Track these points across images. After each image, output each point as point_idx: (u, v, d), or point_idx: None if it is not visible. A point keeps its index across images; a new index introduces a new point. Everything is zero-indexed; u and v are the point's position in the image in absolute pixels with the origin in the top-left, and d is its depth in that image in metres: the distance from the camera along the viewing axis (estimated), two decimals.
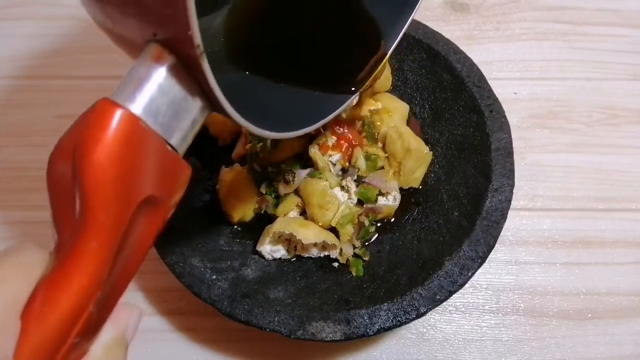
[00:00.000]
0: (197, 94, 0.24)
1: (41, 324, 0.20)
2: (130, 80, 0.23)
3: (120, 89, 0.22)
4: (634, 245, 0.49)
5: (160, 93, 0.23)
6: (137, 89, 0.22)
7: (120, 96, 0.22)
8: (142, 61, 0.23)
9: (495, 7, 0.63)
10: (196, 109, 0.24)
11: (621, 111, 0.56)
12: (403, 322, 0.37)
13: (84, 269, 0.21)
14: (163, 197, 0.24)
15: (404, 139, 0.45)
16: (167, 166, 0.24)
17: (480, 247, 0.40)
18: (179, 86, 0.23)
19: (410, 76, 0.51)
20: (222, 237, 0.45)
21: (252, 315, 0.38)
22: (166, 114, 0.23)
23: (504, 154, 0.43)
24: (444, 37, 0.49)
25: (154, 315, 0.46)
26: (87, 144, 0.21)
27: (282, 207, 0.45)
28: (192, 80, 0.23)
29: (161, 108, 0.23)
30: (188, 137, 0.25)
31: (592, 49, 0.60)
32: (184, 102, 0.24)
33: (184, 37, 0.21)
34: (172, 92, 0.23)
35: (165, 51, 0.23)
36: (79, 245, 0.21)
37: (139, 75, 0.23)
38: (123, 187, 0.21)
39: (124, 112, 0.21)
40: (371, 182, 0.44)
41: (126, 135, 0.21)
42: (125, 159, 0.21)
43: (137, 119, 0.22)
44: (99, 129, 0.21)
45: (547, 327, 0.45)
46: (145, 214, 0.23)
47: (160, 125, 0.23)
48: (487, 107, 0.45)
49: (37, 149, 0.53)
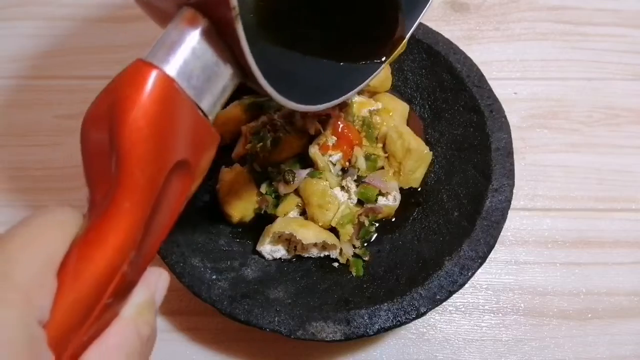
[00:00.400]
0: (229, 60, 0.24)
1: (76, 282, 0.20)
2: (163, 42, 0.23)
3: (154, 51, 0.22)
4: (634, 245, 0.49)
5: (193, 56, 0.23)
6: (171, 51, 0.22)
7: (155, 57, 0.22)
8: (176, 24, 0.23)
9: (495, 7, 0.63)
10: (227, 75, 0.24)
11: (621, 111, 0.56)
12: (403, 322, 0.37)
13: (119, 228, 0.21)
14: (194, 162, 0.24)
15: (404, 139, 0.45)
16: (198, 131, 0.24)
17: (480, 247, 0.40)
18: (212, 50, 0.23)
19: (410, 76, 0.51)
20: (222, 237, 0.45)
21: (252, 315, 0.38)
22: (199, 77, 0.23)
23: (504, 154, 0.43)
24: (444, 37, 0.49)
25: None
26: (123, 103, 0.21)
27: (282, 207, 0.45)
28: (225, 45, 0.23)
29: (194, 71, 0.23)
30: (218, 103, 0.25)
31: (592, 49, 0.60)
32: (216, 67, 0.24)
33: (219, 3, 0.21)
34: (206, 56, 0.23)
35: (199, 14, 0.23)
36: (114, 204, 0.21)
37: (172, 38, 0.23)
38: (158, 147, 0.21)
39: (159, 72, 0.21)
40: (371, 182, 0.44)
41: (161, 96, 0.21)
42: (160, 119, 0.21)
43: (171, 80, 0.22)
44: (135, 89, 0.21)
45: (547, 327, 0.45)
46: (177, 178, 0.23)
47: (193, 88, 0.23)
48: (487, 107, 0.45)
49: (37, 149, 0.53)
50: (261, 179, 0.46)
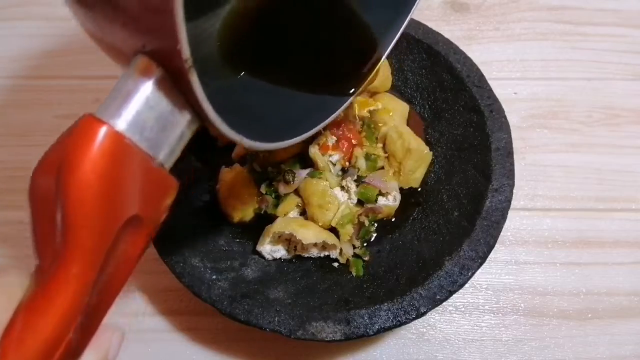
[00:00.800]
0: (185, 107, 0.23)
1: (20, 350, 0.19)
2: (116, 94, 0.22)
3: (106, 104, 0.22)
4: (634, 245, 0.49)
5: (147, 107, 0.22)
6: (123, 104, 0.22)
7: (106, 111, 0.21)
8: (129, 74, 0.22)
9: (495, 7, 0.63)
10: (184, 123, 0.24)
11: (621, 111, 0.56)
12: (403, 322, 0.37)
13: (65, 295, 0.20)
14: (148, 214, 0.23)
15: (404, 139, 0.45)
16: (153, 183, 0.23)
17: (480, 247, 0.40)
18: (166, 100, 0.22)
19: (410, 76, 0.51)
20: (222, 237, 0.45)
21: (252, 315, 0.38)
22: (153, 128, 0.22)
23: (504, 154, 0.43)
24: (444, 37, 0.49)
25: (154, 315, 0.46)
26: (71, 161, 0.20)
27: (282, 207, 0.45)
28: (180, 93, 0.23)
29: (148, 123, 0.22)
30: (176, 151, 0.24)
31: (592, 49, 0.60)
32: (171, 116, 0.23)
33: (172, 50, 0.20)
34: (160, 106, 0.22)
35: (153, 64, 0.22)
36: (60, 270, 0.20)
37: (125, 88, 0.22)
38: (107, 206, 0.21)
39: (108, 128, 0.21)
40: (371, 182, 0.44)
41: (110, 153, 0.21)
42: (109, 176, 0.20)
43: (121, 135, 0.21)
44: (83, 146, 0.20)
45: (547, 327, 0.45)
46: (130, 233, 0.22)
47: (147, 140, 0.22)
48: (487, 107, 0.45)
49: (37, 149, 0.53)
50: (261, 179, 0.46)
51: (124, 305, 0.47)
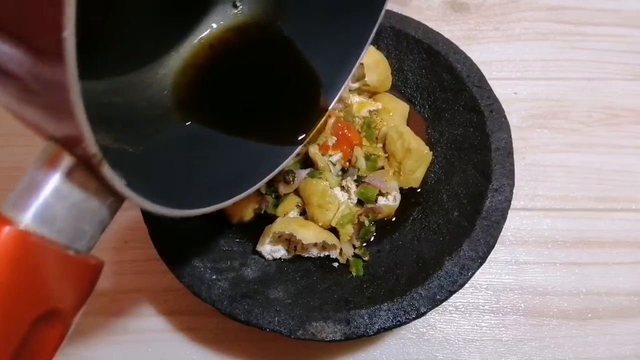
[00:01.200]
0: (101, 191, 0.22)
1: None
2: (24, 187, 0.21)
3: (12, 197, 0.21)
4: (634, 245, 0.49)
5: (56, 198, 0.21)
6: (30, 197, 0.20)
7: (11, 207, 0.20)
8: (39, 164, 0.21)
9: (495, 7, 0.63)
10: (103, 207, 0.22)
11: (621, 111, 0.56)
12: (403, 322, 0.37)
13: None
14: (67, 304, 0.22)
15: (404, 139, 0.45)
16: (70, 272, 0.22)
17: (480, 247, 0.40)
18: (78, 188, 0.21)
19: (410, 76, 0.51)
20: (222, 237, 0.45)
21: (252, 315, 0.38)
22: (66, 219, 0.21)
23: (504, 154, 0.43)
24: (444, 37, 0.49)
25: (154, 315, 0.46)
26: None
27: (282, 207, 0.45)
28: (95, 179, 0.21)
29: (58, 214, 0.21)
30: (97, 235, 0.23)
31: (592, 49, 0.60)
32: (86, 203, 0.22)
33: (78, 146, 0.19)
34: (72, 195, 0.21)
35: (63, 152, 0.21)
36: None
37: (33, 181, 0.21)
38: (11, 307, 0.19)
39: (10, 228, 0.19)
40: (371, 182, 0.44)
41: (13, 253, 0.19)
42: (14, 278, 0.19)
43: (26, 233, 0.20)
44: None
45: (547, 327, 0.45)
46: (44, 327, 0.21)
47: (59, 232, 0.21)
48: (487, 107, 0.45)
49: (37, 149, 0.53)
50: None
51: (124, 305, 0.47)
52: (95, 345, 0.45)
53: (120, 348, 0.45)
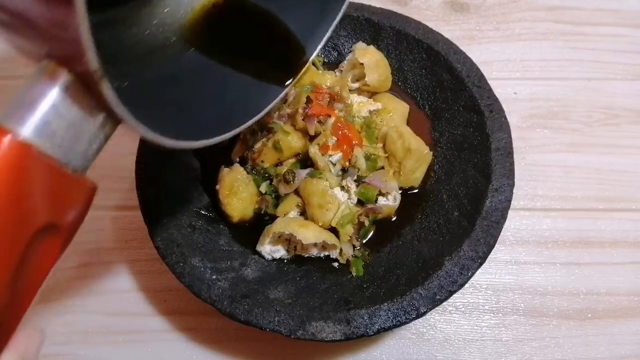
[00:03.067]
0: (98, 109, 0.22)
1: None
2: (21, 101, 0.21)
3: (10, 111, 0.20)
4: (634, 245, 0.49)
5: (55, 115, 0.21)
6: (28, 111, 0.20)
7: (10, 119, 0.20)
8: (36, 79, 0.21)
9: (495, 7, 0.63)
10: (99, 126, 0.22)
11: (621, 111, 0.56)
12: (403, 322, 0.37)
13: None
14: (64, 221, 0.22)
15: (404, 139, 0.45)
16: (66, 190, 0.22)
17: (480, 247, 0.40)
18: (77, 105, 0.21)
19: (410, 76, 0.51)
20: (222, 237, 0.45)
21: (252, 315, 0.38)
22: (64, 136, 0.21)
23: (504, 154, 0.43)
24: (444, 37, 0.49)
25: (154, 315, 0.46)
26: None
27: (282, 207, 0.45)
28: (93, 97, 0.21)
29: (58, 131, 0.21)
30: (90, 155, 0.23)
31: (592, 49, 0.60)
32: (83, 121, 0.22)
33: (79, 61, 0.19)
34: (70, 112, 0.21)
35: (61, 68, 0.21)
36: None
37: (31, 94, 0.21)
38: (14, 216, 0.20)
39: (12, 138, 0.19)
40: (371, 182, 0.44)
41: (15, 163, 0.19)
42: (14, 187, 0.19)
43: (27, 145, 0.20)
44: None
45: (547, 327, 0.45)
46: (44, 240, 0.21)
47: (58, 147, 0.21)
48: (487, 107, 0.45)
49: None
50: (261, 179, 0.46)
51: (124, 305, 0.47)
52: (95, 345, 0.45)
53: (120, 348, 0.45)
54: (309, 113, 0.44)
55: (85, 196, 0.23)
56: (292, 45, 0.36)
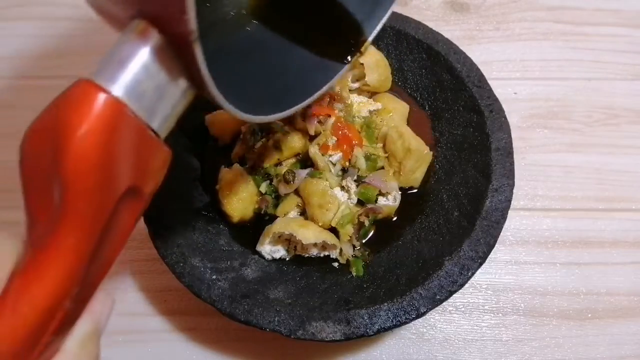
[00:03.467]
0: (183, 75, 0.22)
1: (16, 318, 0.19)
2: (113, 59, 0.21)
3: (102, 68, 0.20)
4: (634, 245, 0.49)
5: (146, 75, 0.21)
6: (120, 70, 0.20)
7: (103, 77, 0.20)
8: (127, 38, 0.21)
9: (495, 7, 0.63)
10: (182, 91, 0.23)
11: (621, 111, 0.56)
12: (403, 322, 0.37)
13: (62, 265, 0.19)
14: (144, 186, 0.22)
15: (404, 139, 0.45)
16: (149, 153, 0.22)
17: (480, 247, 0.40)
18: (165, 68, 0.21)
19: (410, 76, 0.51)
20: (222, 237, 0.45)
21: (252, 315, 0.38)
22: (151, 97, 0.21)
23: (504, 154, 0.43)
24: (444, 37, 0.49)
25: (154, 315, 0.46)
26: (69, 129, 0.19)
27: (282, 207, 0.45)
28: (179, 60, 0.21)
29: (147, 92, 0.21)
30: (170, 120, 0.23)
31: (592, 49, 0.60)
32: (169, 85, 0.22)
33: (178, 21, 0.19)
34: (159, 74, 0.21)
35: (152, 29, 0.21)
36: (57, 240, 0.19)
37: (122, 54, 0.21)
38: (106, 177, 0.20)
39: (107, 96, 0.20)
40: (371, 182, 0.44)
41: (110, 122, 0.20)
42: (108, 147, 0.20)
43: (121, 104, 0.20)
44: (82, 114, 0.19)
45: (547, 327, 0.45)
46: (126, 204, 0.22)
47: (145, 109, 0.21)
48: (487, 107, 0.45)
49: None
50: (261, 179, 0.46)
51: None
52: None
53: (120, 348, 0.45)
54: (308, 113, 0.44)
55: (163, 161, 0.23)
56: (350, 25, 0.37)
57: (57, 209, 0.19)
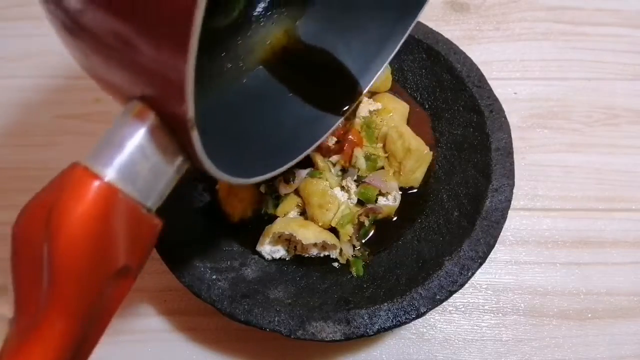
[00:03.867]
0: (177, 152, 0.22)
1: None
2: (108, 142, 0.21)
3: (97, 153, 0.21)
4: (634, 245, 0.49)
5: (141, 157, 0.21)
6: (115, 153, 0.21)
7: (98, 162, 0.20)
8: (123, 121, 0.21)
9: (495, 7, 0.63)
10: (175, 168, 0.23)
11: (621, 111, 0.56)
12: (403, 322, 0.37)
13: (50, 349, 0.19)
14: (135, 262, 0.22)
15: (404, 139, 0.45)
16: (141, 230, 0.22)
17: (480, 247, 0.40)
18: (160, 149, 0.21)
19: (410, 76, 0.51)
20: (222, 237, 0.45)
21: (252, 315, 0.38)
22: (146, 178, 0.21)
23: (504, 154, 0.43)
24: (444, 37, 0.49)
25: (154, 315, 0.46)
26: (62, 215, 0.19)
27: (282, 207, 0.45)
28: (174, 139, 0.22)
29: (141, 173, 0.21)
30: (164, 195, 0.23)
31: (592, 49, 0.60)
32: (164, 164, 0.22)
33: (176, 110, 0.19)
34: (154, 155, 0.21)
35: (149, 110, 0.21)
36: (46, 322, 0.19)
37: (118, 137, 0.21)
38: (97, 260, 0.20)
39: (101, 183, 0.20)
40: (371, 182, 0.44)
41: (103, 207, 0.20)
42: (100, 232, 0.20)
43: (115, 190, 0.20)
44: (75, 200, 0.19)
45: (547, 327, 0.45)
46: (115, 283, 0.22)
47: (139, 190, 0.21)
48: (487, 107, 0.45)
49: (37, 149, 0.53)
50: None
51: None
52: None
53: (120, 348, 0.45)
54: None
55: (153, 235, 0.23)
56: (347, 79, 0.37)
57: (46, 293, 0.20)
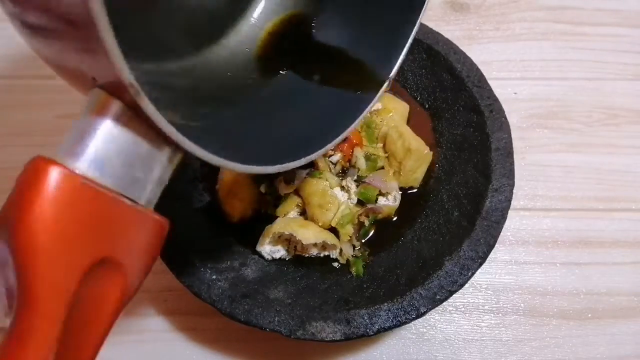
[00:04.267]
0: (157, 140, 0.21)
1: None
2: (72, 133, 0.20)
3: (62, 144, 0.20)
4: (634, 245, 0.49)
5: (107, 144, 0.20)
6: (78, 142, 0.20)
7: (60, 151, 0.20)
8: (86, 110, 0.21)
9: (495, 7, 0.63)
10: (162, 158, 0.22)
11: (621, 111, 0.56)
12: (403, 322, 0.37)
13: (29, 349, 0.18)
14: (127, 258, 0.21)
15: (404, 139, 0.45)
16: (130, 223, 0.21)
17: (480, 247, 0.40)
18: (128, 130, 0.21)
19: (410, 76, 0.51)
20: (222, 237, 0.45)
21: (252, 315, 0.38)
22: (116, 163, 0.21)
23: (504, 154, 0.43)
24: (444, 37, 0.49)
25: (154, 315, 0.46)
26: (19, 209, 0.18)
27: (282, 207, 0.45)
28: (148, 125, 0.20)
29: (111, 160, 0.20)
30: (154, 188, 0.22)
31: (592, 49, 0.60)
32: (136, 147, 0.21)
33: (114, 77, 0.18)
34: (120, 138, 0.21)
35: (109, 97, 0.20)
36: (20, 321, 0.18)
37: (82, 126, 0.20)
38: (65, 252, 0.19)
39: (61, 170, 0.19)
40: (371, 182, 0.44)
41: (65, 196, 0.19)
42: (65, 222, 0.19)
43: (76, 175, 0.19)
44: (32, 192, 0.18)
45: (547, 327, 0.45)
46: (103, 279, 0.21)
47: (112, 178, 0.20)
48: (487, 107, 0.45)
49: (37, 149, 0.53)
50: (261, 179, 0.46)
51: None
52: None
53: (120, 348, 0.45)
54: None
55: (152, 232, 0.22)
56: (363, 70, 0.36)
57: (16, 291, 0.19)
